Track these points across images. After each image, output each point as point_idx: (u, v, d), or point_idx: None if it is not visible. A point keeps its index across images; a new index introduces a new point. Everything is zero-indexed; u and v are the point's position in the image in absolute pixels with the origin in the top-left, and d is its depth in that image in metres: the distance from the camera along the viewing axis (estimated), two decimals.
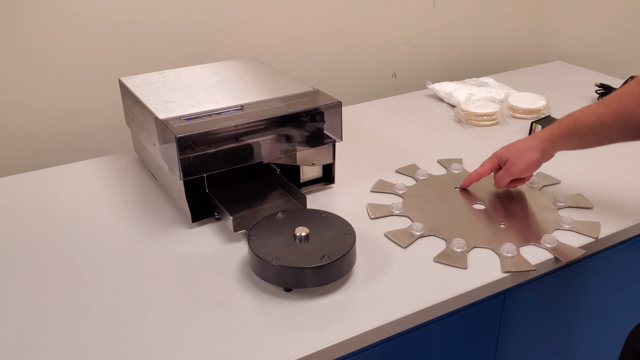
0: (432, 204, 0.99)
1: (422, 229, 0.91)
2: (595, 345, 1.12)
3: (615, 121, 0.86)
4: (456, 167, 1.10)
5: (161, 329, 0.74)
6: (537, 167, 0.96)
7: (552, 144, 0.93)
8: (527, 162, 0.94)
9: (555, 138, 0.93)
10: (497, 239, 0.90)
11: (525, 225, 0.93)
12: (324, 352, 0.71)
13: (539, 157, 0.94)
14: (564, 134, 0.92)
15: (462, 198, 1.01)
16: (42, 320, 0.76)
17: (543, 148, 0.94)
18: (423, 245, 0.89)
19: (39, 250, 0.90)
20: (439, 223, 0.94)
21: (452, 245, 0.87)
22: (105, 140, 1.32)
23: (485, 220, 0.95)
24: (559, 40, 1.81)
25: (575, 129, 0.90)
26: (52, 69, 1.22)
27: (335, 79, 1.56)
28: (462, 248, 0.86)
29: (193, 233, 0.94)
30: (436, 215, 0.96)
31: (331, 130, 0.99)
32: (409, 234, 0.91)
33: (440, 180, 1.07)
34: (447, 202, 1.00)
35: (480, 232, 0.91)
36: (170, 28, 1.31)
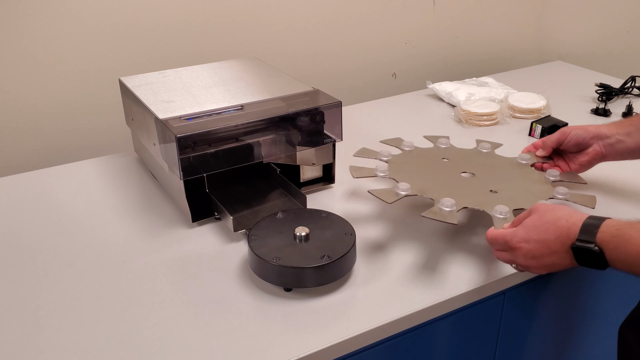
0: (419, 170, 0.95)
1: (409, 188, 0.86)
2: (595, 345, 1.12)
3: None
4: (443, 141, 1.05)
5: (161, 328, 0.74)
6: (587, 145, 0.94)
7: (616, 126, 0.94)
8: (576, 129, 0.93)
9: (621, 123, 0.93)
10: (489, 202, 0.85)
11: (517, 193, 0.89)
12: (324, 352, 0.71)
13: (597, 131, 0.93)
14: None
15: (451, 166, 0.97)
16: (42, 320, 0.76)
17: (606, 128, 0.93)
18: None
19: (39, 250, 0.90)
20: (426, 186, 0.88)
21: (440, 204, 0.82)
22: (105, 140, 1.32)
23: (476, 186, 0.91)
24: (559, 40, 1.81)
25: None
26: (52, 69, 1.22)
27: (335, 78, 1.55)
28: (451, 207, 0.82)
29: (193, 233, 0.94)
30: (423, 179, 0.91)
31: (331, 130, 0.99)
32: (394, 192, 0.86)
33: (427, 152, 1.02)
34: (434, 170, 0.95)
35: (470, 196, 0.87)
36: (171, 28, 1.31)
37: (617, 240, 0.65)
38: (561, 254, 0.70)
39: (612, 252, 0.65)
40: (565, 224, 0.69)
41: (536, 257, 0.72)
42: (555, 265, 0.72)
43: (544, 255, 0.71)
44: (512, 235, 0.74)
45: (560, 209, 0.72)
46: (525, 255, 0.73)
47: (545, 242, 0.71)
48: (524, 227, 0.74)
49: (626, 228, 0.65)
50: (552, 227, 0.71)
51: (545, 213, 0.73)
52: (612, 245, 0.65)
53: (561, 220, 0.70)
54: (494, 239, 0.78)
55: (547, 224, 0.71)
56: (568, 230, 0.69)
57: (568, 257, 0.69)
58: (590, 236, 0.66)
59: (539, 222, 0.72)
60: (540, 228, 0.72)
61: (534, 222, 0.73)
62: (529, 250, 0.72)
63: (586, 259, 0.67)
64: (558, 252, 0.70)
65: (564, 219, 0.70)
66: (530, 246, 0.72)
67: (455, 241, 0.90)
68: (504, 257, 0.77)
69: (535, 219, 0.73)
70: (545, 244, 0.71)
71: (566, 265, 0.71)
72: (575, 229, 0.68)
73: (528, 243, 0.72)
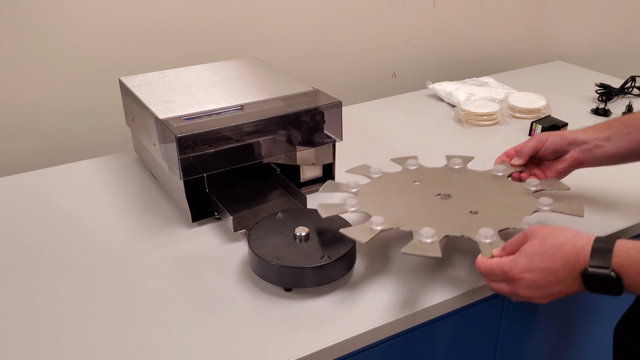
0: (391, 198, 0.88)
1: (383, 222, 0.79)
2: (595, 345, 1.12)
3: None
4: (412, 162, 0.98)
5: (161, 328, 0.74)
6: (562, 145, 0.90)
7: (592, 129, 0.91)
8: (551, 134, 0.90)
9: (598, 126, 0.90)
10: (470, 225, 0.79)
11: (499, 211, 0.83)
12: (324, 352, 0.71)
13: (573, 134, 0.90)
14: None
15: (424, 190, 0.91)
16: (42, 320, 0.76)
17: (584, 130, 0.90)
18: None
19: (39, 250, 0.90)
20: (401, 216, 0.82)
21: (420, 236, 0.76)
22: (105, 140, 1.32)
23: (454, 208, 0.85)
24: (559, 40, 1.81)
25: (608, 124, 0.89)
26: (52, 69, 1.22)
27: (335, 78, 1.55)
28: (432, 238, 0.75)
29: (193, 233, 0.94)
30: (397, 208, 0.85)
31: (331, 130, 0.99)
32: (368, 229, 0.79)
33: (396, 177, 0.95)
34: (408, 196, 0.89)
35: (450, 221, 0.81)
36: (170, 28, 1.31)
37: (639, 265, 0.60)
38: (569, 281, 0.64)
39: (633, 278, 0.60)
40: (572, 249, 0.64)
41: (541, 287, 0.66)
42: (561, 294, 0.66)
43: (550, 284, 0.65)
44: (512, 265, 0.67)
45: (562, 232, 0.66)
46: (529, 286, 0.66)
47: (551, 270, 0.65)
48: (525, 255, 0.67)
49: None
50: (557, 252, 0.65)
51: (547, 237, 0.66)
52: (633, 270, 0.60)
53: (567, 244, 0.64)
54: (490, 271, 0.70)
55: (551, 250, 0.65)
56: (576, 255, 0.63)
57: (576, 284, 0.64)
58: (604, 261, 0.61)
59: (542, 248, 0.66)
60: (545, 255, 0.65)
61: (535, 249, 0.66)
62: (533, 280, 0.66)
63: (599, 286, 0.62)
64: (566, 280, 0.64)
65: (570, 242, 0.64)
66: (534, 276, 0.66)
67: (456, 241, 0.90)
68: (503, 289, 0.70)
69: (536, 244, 0.67)
70: (551, 272, 0.65)
71: (573, 292, 0.65)
72: (585, 254, 0.63)
73: (532, 272, 0.66)
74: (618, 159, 0.90)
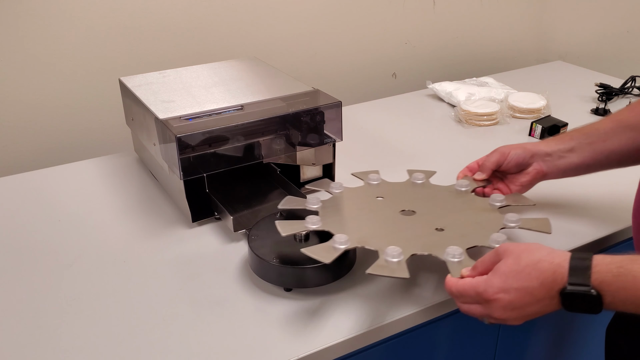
0: (354, 214, 0.85)
1: (347, 240, 0.75)
2: (595, 345, 1.12)
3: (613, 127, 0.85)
4: (374, 177, 0.95)
5: (161, 328, 0.74)
6: (521, 158, 0.89)
7: (545, 142, 0.90)
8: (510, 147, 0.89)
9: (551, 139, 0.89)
10: (437, 243, 0.76)
11: (466, 228, 0.81)
12: (324, 352, 0.71)
13: (524, 148, 0.89)
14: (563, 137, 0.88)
15: (387, 206, 0.87)
16: (42, 320, 0.76)
17: (536, 143, 0.89)
18: None
19: (39, 250, 0.90)
20: (365, 233, 0.79)
21: (385, 255, 0.73)
22: (105, 140, 1.32)
23: (419, 225, 0.82)
24: (559, 40, 1.81)
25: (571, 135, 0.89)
26: (53, 69, 1.22)
27: (335, 79, 1.55)
28: (398, 257, 0.72)
29: (193, 233, 0.94)
30: (361, 225, 0.82)
31: (331, 130, 0.99)
32: (331, 248, 0.75)
33: (358, 192, 0.92)
34: (371, 212, 0.86)
35: (416, 239, 0.78)
36: (170, 28, 1.31)
37: (622, 280, 0.57)
38: (546, 301, 0.61)
39: (614, 294, 0.57)
40: (548, 267, 0.61)
41: (517, 308, 0.63)
42: (537, 314, 0.63)
43: (526, 304, 0.62)
44: (486, 286, 0.64)
45: (537, 249, 0.64)
46: (504, 308, 0.63)
47: (527, 290, 0.62)
48: (500, 275, 0.63)
49: (628, 264, 0.57)
50: (533, 271, 0.62)
51: (521, 255, 0.63)
52: (614, 287, 0.57)
53: (543, 262, 0.62)
54: (463, 292, 0.66)
55: (527, 269, 0.62)
56: (554, 273, 0.60)
57: (553, 303, 0.61)
58: (584, 279, 0.58)
59: (517, 267, 0.63)
60: (520, 274, 0.62)
61: (510, 268, 0.63)
62: (509, 301, 0.62)
63: (579, 304, 0.59)
64: (543, 299, 0.61)
65: (546, 260, 0.62)
66: (510, 296, 0.62)
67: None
68: (476, 310, 0.66)
69: (510, 263, 0.63)
70: (528, 292, 0.62)
71: (549, 312, 0.63)
72: (562, 272, 0.60)
73: (507, 293, 0.62)
74: (582, 170, 0.89)
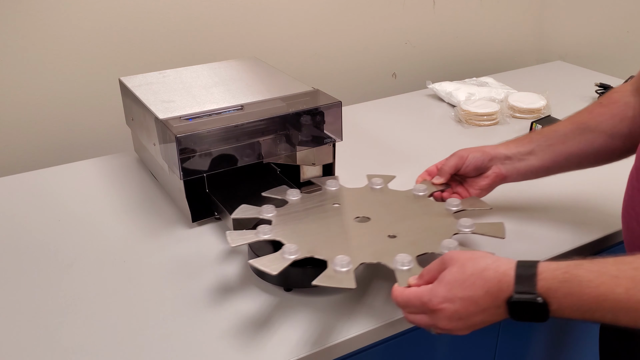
0: (308, 223, 0.84)
1: (297, 250, 0.75)
2: (596, 344, 1.12)
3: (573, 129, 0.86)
4: (332, 183, 0.94)
5: (161, 328, 0.74)
6: (480, 162, 0.88)
7: (505, 144, 0.90)
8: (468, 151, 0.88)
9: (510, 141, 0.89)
10: (388, 251, 0.75)
11: (418, 234, 0.80)
12: (324, 352, 0.71)
13: (481, 151, 0.88)
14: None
15: (342, 213, 0.87)
16: (42, 320, 0.76)
17: (494, 146, 0.89)
18: None
19: (39, 250, 0.90)
20: (317, 242, 0.78)
21: (334, 264, 0.72)
22: (105, 140, 1.32)
23: (372, 232, 0.81)
24: (559, 40, 1.81)
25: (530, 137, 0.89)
26: (53, 69, 1.22)
27: (335, 79, 1.55)
28: (347, 266, 0.71)
29: (193, 233, 0.94)
30: (313, 234, 0.81)
31: (331, 130, 0.99)
32: (280, 258, 0.74)
33: (315, 199, 0.91)
34: (325, 220, 0.85)
35: (367, 247, 0.77)
36: (170, 28, 1.30)
37: (568, 286, 0.56)
38: (492, 310, 0.60)
39: (561, 301, 0.56)
40: (494, 275, 0.59)
41: (463, 318, 0.61)
42: (483, 324, 0.62)
43: (471, 314, 0.61)
44: (430, 295, 0.62)
45: (482, 257, 0.62)
46: (450, 318, 0.61)
47: (472, 299, 0.60)
48: (445, 284, 0.62)
49: (574, 269, 0.56)
50: (478, 280, 0.60)
51: (466, 264, 0.62)
52: (560, 293, 0.56)
53: (488, 270, 0.60)
54: (408, 302, 0.65)
55: (472, 278, 0.60)
56: (499, 282, 0.59)
57: (499, 312, 0.60)
58: (530, 286, 0.57)
59: (462, 276, 0.61)
60: (465, 283, 0.60)
61: (455, 277, 0.61)
62: (454, 311, 0.61)
63: (525, 313, 0.58)
64: (488, 308, 0.60)
65: (491, 269, 0.60)
66: (455, 306, 0.61)
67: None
68: (422, 321, 0.64)
69: (455, 272, 0.62)
70: (473, 302, 0.60)
71: (495, 322, 0.61)
72: (508, 280, 0.58)
73: (452, 303, 0.61)
74: (542, 172, 0.89)
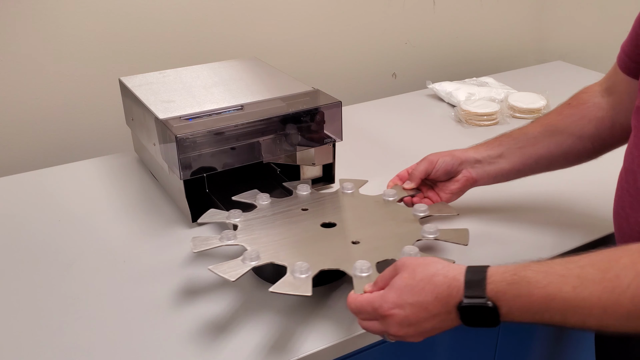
0: (273, 229, 0.84)
1: (258, 256, 0.75)
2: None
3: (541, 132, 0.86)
4: (303, 188, 0.94)
5: (161, 328, 0.74)
6: (450, 165, 0.89)
7: (474, 149, 0.91)
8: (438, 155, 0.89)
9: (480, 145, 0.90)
10: (349, 257, 0.75)
11: (382, 240, 0.80)
12: (324, 352, 0.71)
13: (451, 155, 0.90)
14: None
15: (309, 218, 0.86)
16: (42, 320, 0.76)
17: (463, 150, 0.90)
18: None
19: (39, 250, 0.90)
20: (280, 248, 0.78)
21: (293, 271, 0.72)
22: (105, 140, 1.32)
23: (336, 238, 0.81)
24: (559, 40, 1.81)
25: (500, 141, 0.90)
26: (53, 69, 1.22)
27: (335, 79, 1.55)
28: (305, 273, 0.71)
29: (193, 233, 0.94)
30: (278, 240, 0.81)
31: (331, 130, 0.99)
32: (240, 264, 0.74)
33: (284, 204, 0.91)
34: (291, 225, 0.85)
35: (329, 253, 0.77)
36: (170, 28, 1.30)
37: (517, 288, 0.55)
38: (442, 316, 0.59)
39: (510, 303, 0.55)
40: (443, 280, 0.59)
41: (413, 324, 0.60)
42: (435, 330, 0.61)
43: (421, 320, 0.60)
44: (381, 301, 0.62)
45: (432, 263, 0.62)
46: (400, 324, 0.61)
47: (422, 304, 0.59)
48: (395, 290, 0.61)
49: (522, 271, 0.56)
50: (428, 285, 0.59)
51: (417, 269, 0.61)
52: (509, 295, 0.55)
53: (437, 276, 0.60)
54: (360, 308, 0.64)
55: (421, 283, 0.60)
56: (449, 287, 0.58)
57: (450, 318, 0.59)
58: (479, 291, 0.56)
59: (412, 281, 0.61)
60: (415, 288, 0.60)
61: (405, 282, 0.61)
62: (404, 317, 0.60)
63: (476, 318, 0.57)
64: (439, 314, 0.59)
65: (441, 274, 0.60)
66: (405, 312, 0.60)
67: None
68: (374, 327, 0.64)
69: (406, 278, 0.61)
70: (422, 307, 0.59)
71: (447, 328, 0.61)
72: (458, 285, 0.58)
73: (402, 308, 0.60)
74: (512, 175, 0.89)
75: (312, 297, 0.69)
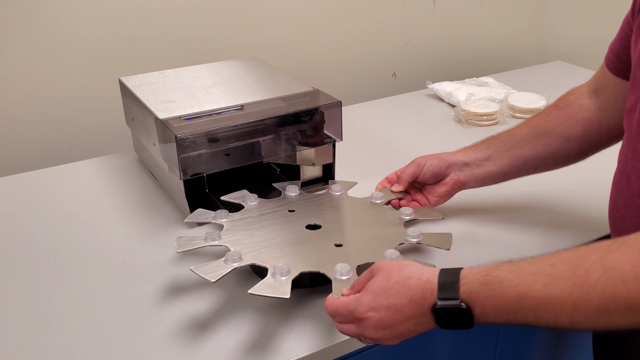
0: (259, 230, 0.84)
1: (240, 257, 0.75)
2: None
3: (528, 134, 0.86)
4: (292, 189, 0.94)
5: (161, 328, 0.74)
6: (437, 168, 0.89)
7: (462, 152, 0.91)
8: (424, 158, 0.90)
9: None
10: (331, 260, 0.75)
11: (365, 243, 0.80)
12: (324, 352, 0.71)
13: (439, 157, 0.90)
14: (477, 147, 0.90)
15: (295, 220, 0.86)
16: (42, 320, 0.76)
17: (451, 154, 0.90)
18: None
19: (39, 250, 0.90)
20: (263, 249, 0.78)
21: (274, 272, 0.72)
22: (105, 140, 1.32)
23: (320, 240, 0.81)
24: (559, 40, 1.81)
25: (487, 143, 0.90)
26: (52, 69, 1.22)
27: (335, 79, 1.55)
28: (286, 275, 0.72)
29: (193, 233, 0.94)
30: (262, 241, 0.81)
31: (331, 130, 0.99)
32: (222, 265, 0.74)
33: (272, 205, 0.91)
34: (277, 226, 0.85)
35: (311, 255, 0.77)
36: (171, 28, 1.31)
37: (489, 288, 0.55)
38: (417, 318, 0.59)
39: (483, 304, 0.55)
40: (417, 283, 0.59)
41: (388, 327, 0.60)
42: (411, 333, 0.61)
43: (396, 323, 0.60)
44: (357, 304, 0.62)
45: (407, 266, 0.62)
46: (375, 326, 0.61)
47: (397, 307, 0.59)
48: (370, 293, 0.62)
49: (494, 271, 0.55)
50: (402, 288, 0.59)
51: (392, 272, 0.61)
52: (482, 296, 0.55)
53: (411, 279, 0.60)
54: (336, 311, 0.64)
55: (396, 286, 0.60)
56: (422, 290, 0.58)
57: (425, 320, 0.59)
58: (452, 292, 0.56)
59: (387, 284, 0.61)
60: (389, 291, 0.60)
61: (380, 285, 0.61)
62: (379, 320, 0.60)
63: (450, 320, 0.57)
64: (413, 317, 0.59)
65: (415, 277, 0.60)
66: (380, 315, 0.60)
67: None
68: (350, 330, 0.64)
69: (380, 280, 0.61)
70: (397, 310, 0.59)
71: (423, 330, 0.60)
72: (431, 287, 0.58)
73: (377, 311, 0.60)
74: (500, 177, 0.89)
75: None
